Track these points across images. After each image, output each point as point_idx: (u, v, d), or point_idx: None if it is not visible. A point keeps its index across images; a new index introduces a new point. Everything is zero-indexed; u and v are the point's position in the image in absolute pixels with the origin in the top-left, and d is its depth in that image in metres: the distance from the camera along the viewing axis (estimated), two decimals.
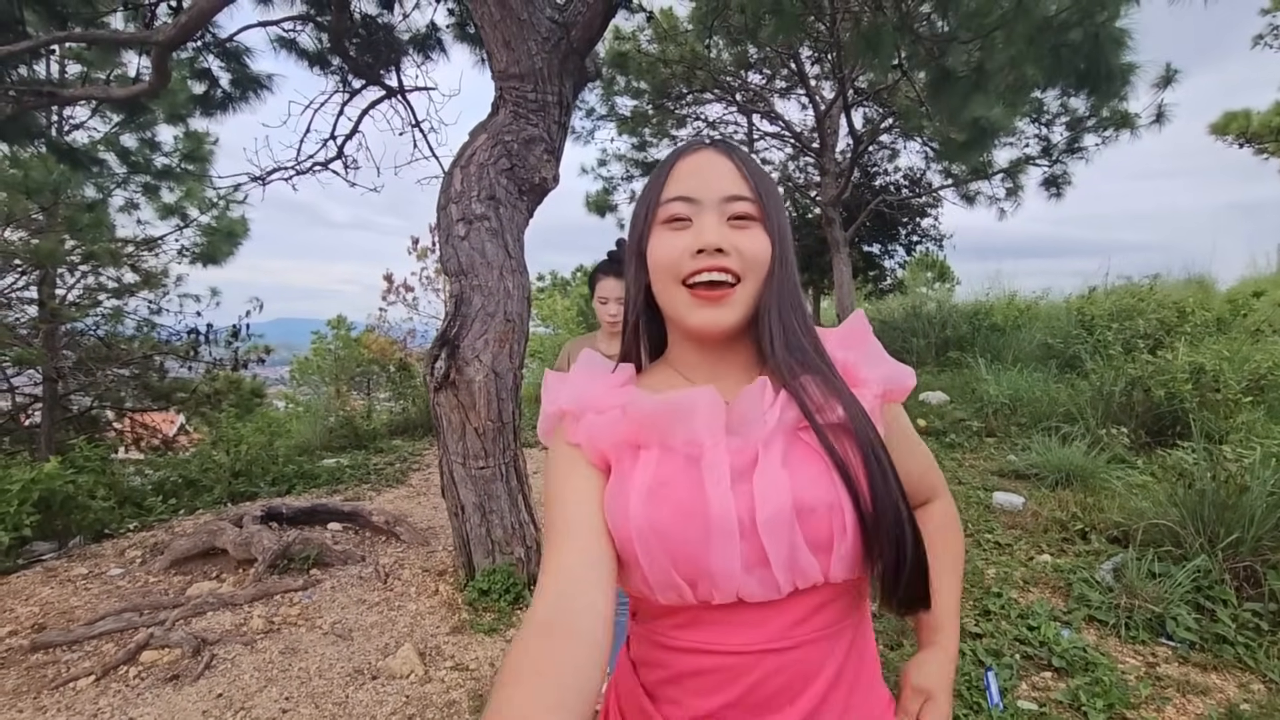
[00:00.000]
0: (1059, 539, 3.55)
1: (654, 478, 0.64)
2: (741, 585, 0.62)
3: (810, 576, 0.63)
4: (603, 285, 2.04)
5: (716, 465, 0.64)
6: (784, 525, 0.61)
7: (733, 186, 0.69)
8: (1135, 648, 2.56)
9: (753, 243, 0.68)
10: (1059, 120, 9.51)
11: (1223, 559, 2.83)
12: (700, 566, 0.62)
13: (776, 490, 0.62)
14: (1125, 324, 7.21)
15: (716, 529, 0.61)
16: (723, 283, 0.67)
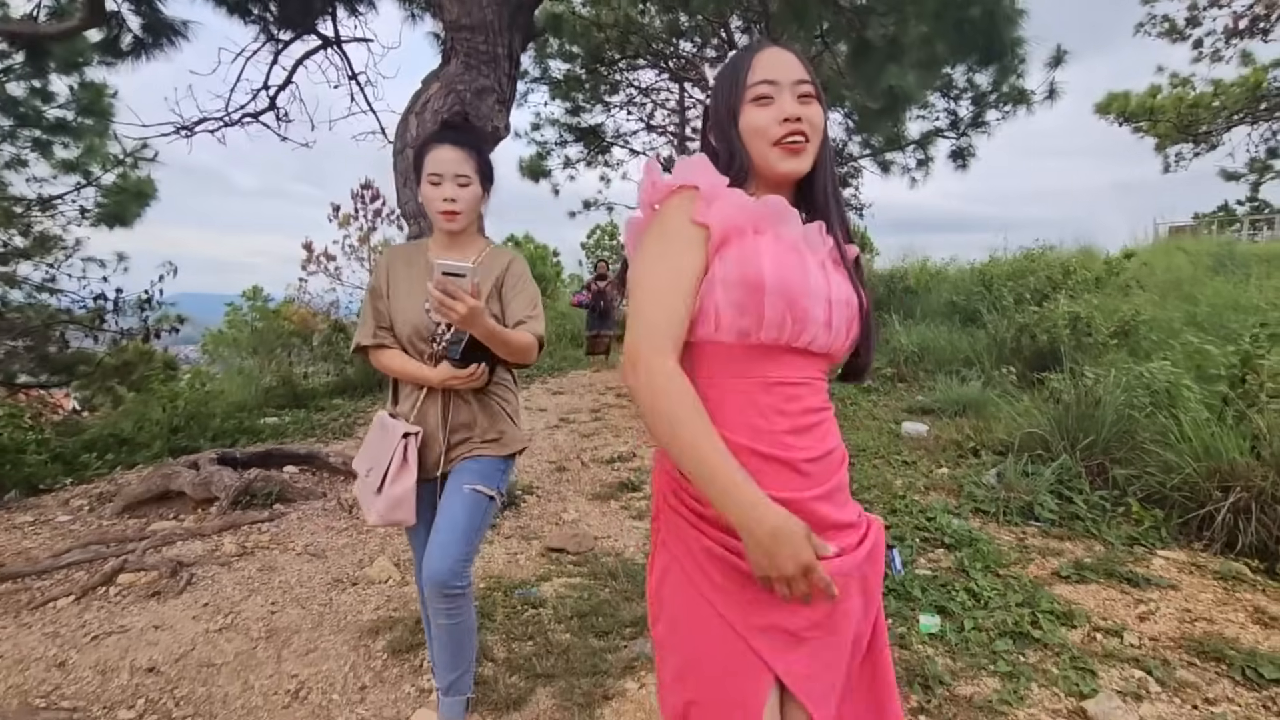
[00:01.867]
0: (955, 455, 4.10)
1: (778, 253, 0.91)
2: (817, 333, 0.92)
3: (838, 344, 0.95)
4: (436, 157, 1.52)
5: (810, 258, 0.94)
6: (842, 305, 0.94)
7: (800, 72, 0.95)
8: (1010, 529, 3.08)
9: (816, 114, 0.95)
10: (965, 95, 10.23)
11: (1080, 458, 3.40)
12: (805, 313, 0.91)
13: (840, 284, 0.95)
14: (1019, 282, 8.01)
15: (816, 294, 0.91)
16: (800, 143, 0.94)
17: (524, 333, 1.54)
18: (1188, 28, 12.86)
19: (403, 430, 1.59)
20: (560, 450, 4.89)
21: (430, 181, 1.53)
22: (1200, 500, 2.86)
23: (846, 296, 0.95)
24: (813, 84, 0.96)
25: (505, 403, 1.70)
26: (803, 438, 0.93)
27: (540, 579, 2.73)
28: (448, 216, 1.54)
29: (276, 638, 2.27)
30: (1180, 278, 8.53)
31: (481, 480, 1.61)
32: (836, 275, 0.96)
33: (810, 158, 0.96)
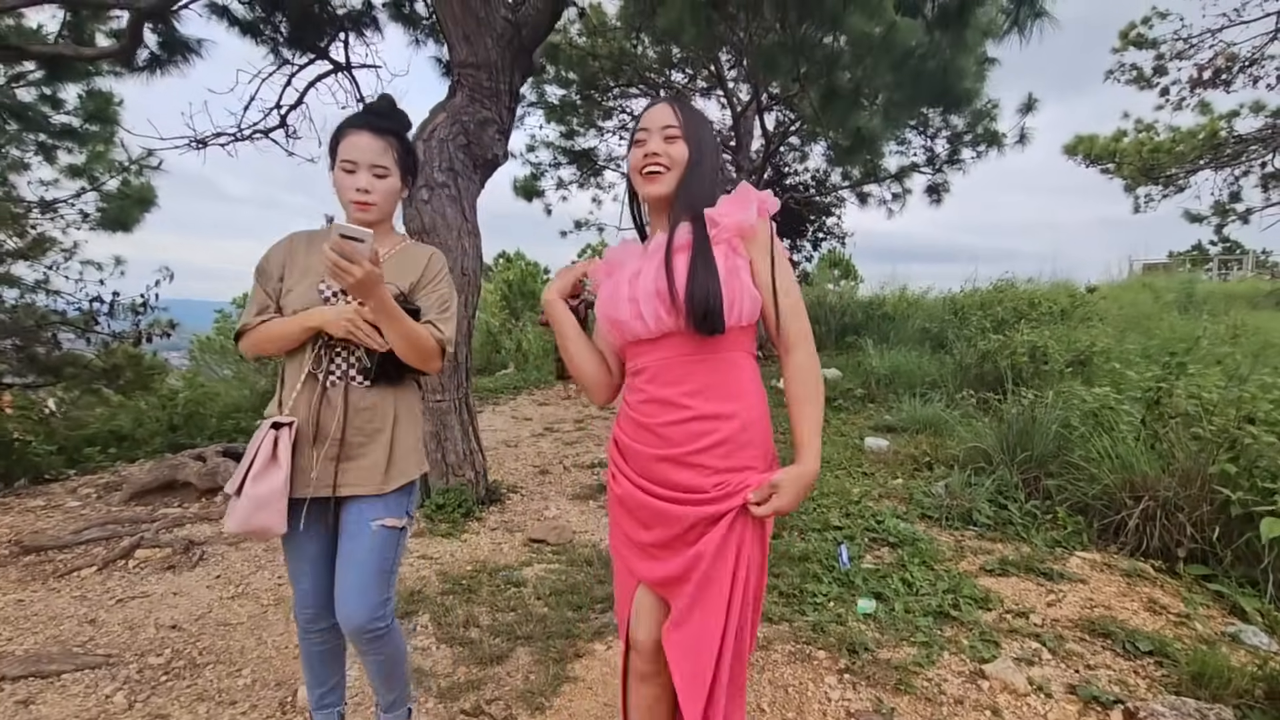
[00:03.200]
0: (911, 468, 4.43)
1: (610, 282, 1.28)
2: (634, 327, 1.21)
3: (658, 325, 1.19)
4: (351, 144, 1.40)
5: (625, 271, 1.27)
6: (648, 296, 1.19)
7: (668, 119, 1.24)
8: (950, 532, 3.40)
9: (678, 150, 1.23)
10: (941, 134, 10.77)
11: (1019, 471, 3.74)
12: (614, 319, 1.24)
13: (645, 281, 1.21)
14: (987, 312, 8.43)
15: (621, 297, 1.23)
16: (658, 171, 1.23)
17: (426, 330, 1.40)
18: (1155, 76, 13.61)
19: (272, 420, 1.37)
20: (544, 456, 5.17)
21: (343, 169, 1.40)
22: (1116, 508, 3.19)
23: (654, 288, 1.18)
24: (678, 127, 1.24)
25: (410, 412, 1.52)
26: (661, 409, 1.22)
27: (523, 564, 3.01)
28: (360, 207, 1.42)
29: (285, 604, 2.54)
30: (1142, 313, 9.02)
31: (388, 513, 1.44)
32: (650, 274, 1.20)
33: (666, 184, 1.24)
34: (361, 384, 1.43)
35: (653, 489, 1.22)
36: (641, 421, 1.24)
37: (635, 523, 1.26)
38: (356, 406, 1.42)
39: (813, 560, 3.03)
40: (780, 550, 3.14)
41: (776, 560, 3.05)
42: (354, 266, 1.22)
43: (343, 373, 1.42)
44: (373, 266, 1.24)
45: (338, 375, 1.42)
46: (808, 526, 3.45)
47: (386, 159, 1.43)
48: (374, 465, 1.43)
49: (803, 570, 2.93)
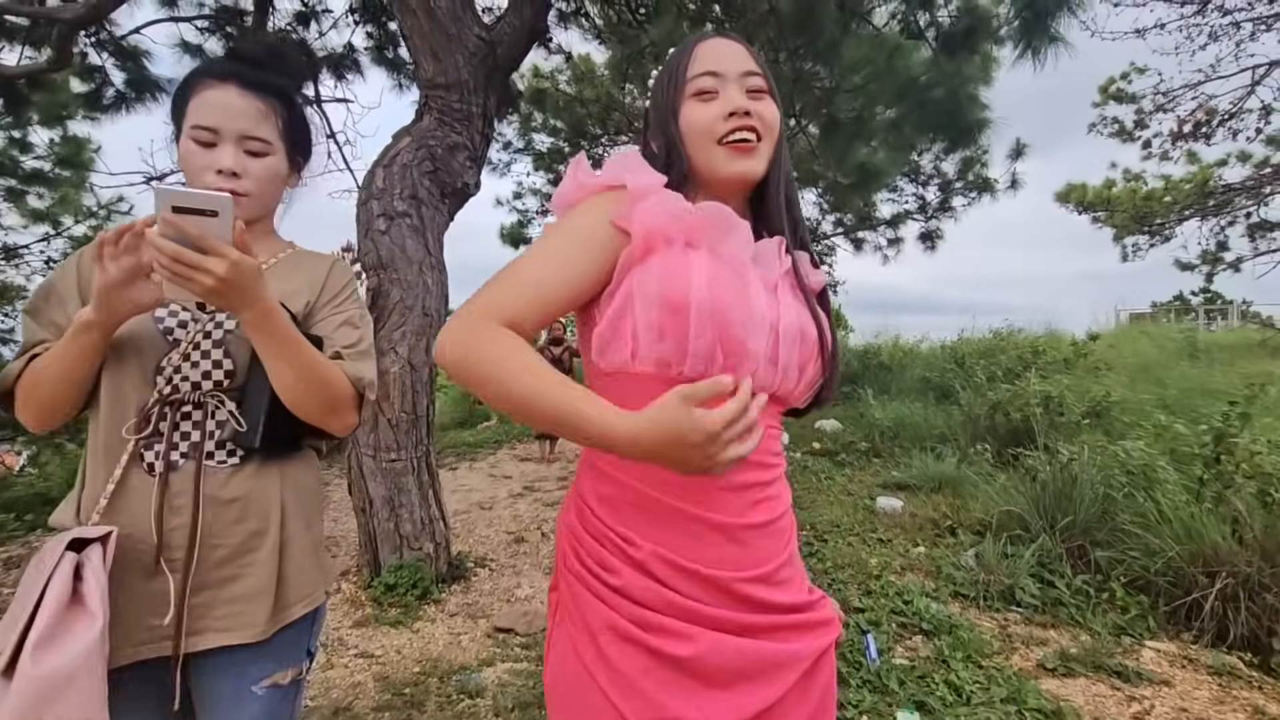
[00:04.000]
0: (932, 534, 3.94)
1: (714, 270, 0.75)
2: (759, 370, 0.77)
3: (788, 386, 0.80)
4: (207, 102, 0.92)
5: (756, 279, 0.79)
6: (793, 337, 0.79)
7: (747, 64, 0.83)
8: (991, 614, 2.89)
9: (769, 110, 0.83)
10: (933, 181, 10.67)
11: (1060, 539, 3.26)
12: (740, 344, 0.75)
13: (792, 311, 0.80)
14: (990, 360, 8.07)
15: (758, 320, 0.76)
16: (750, 141, 0.81)
17: (336, 365, 0.95)
18: (1136, 130, 13.76)
19: (71, 536, 0.82)
20: (520, 520, 4.62)
21: (194, 138, 0.92)
22: (1186, 586, 2.71)
23: (801, 328, 0.80)
24: (764, 76, 0.84)
25: (309, 499, 1.01)
26: (742, 497, 0.78)
27: (483, 663, 2.47)
28: None
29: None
30: (1147, 362, 8.70)
31: (279, 664, 0.95)
32: (791, 301, 0.81)
33: (764, 159, 0.83)
34: (224, 463, 0.93)
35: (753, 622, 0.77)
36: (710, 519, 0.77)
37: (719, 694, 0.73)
38: (217, 500, 0.91)
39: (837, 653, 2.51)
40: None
41: None
42: (209, 259, 0.75)
43: (193, 445, 0.91)
44: (241, 255, 0.77)
45: (183, 451, 0.91)
46: None
47: (265, 128, 0.96)
48: (252, 594, 0.92)
49: None
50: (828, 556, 3.59)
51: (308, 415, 0.93)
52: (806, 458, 6.49)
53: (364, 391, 0.98)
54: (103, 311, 0.82)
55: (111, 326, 0.85)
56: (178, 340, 0.92)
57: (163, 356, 0.91)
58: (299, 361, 0.88)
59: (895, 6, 4.15)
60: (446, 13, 3.22)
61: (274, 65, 1.02)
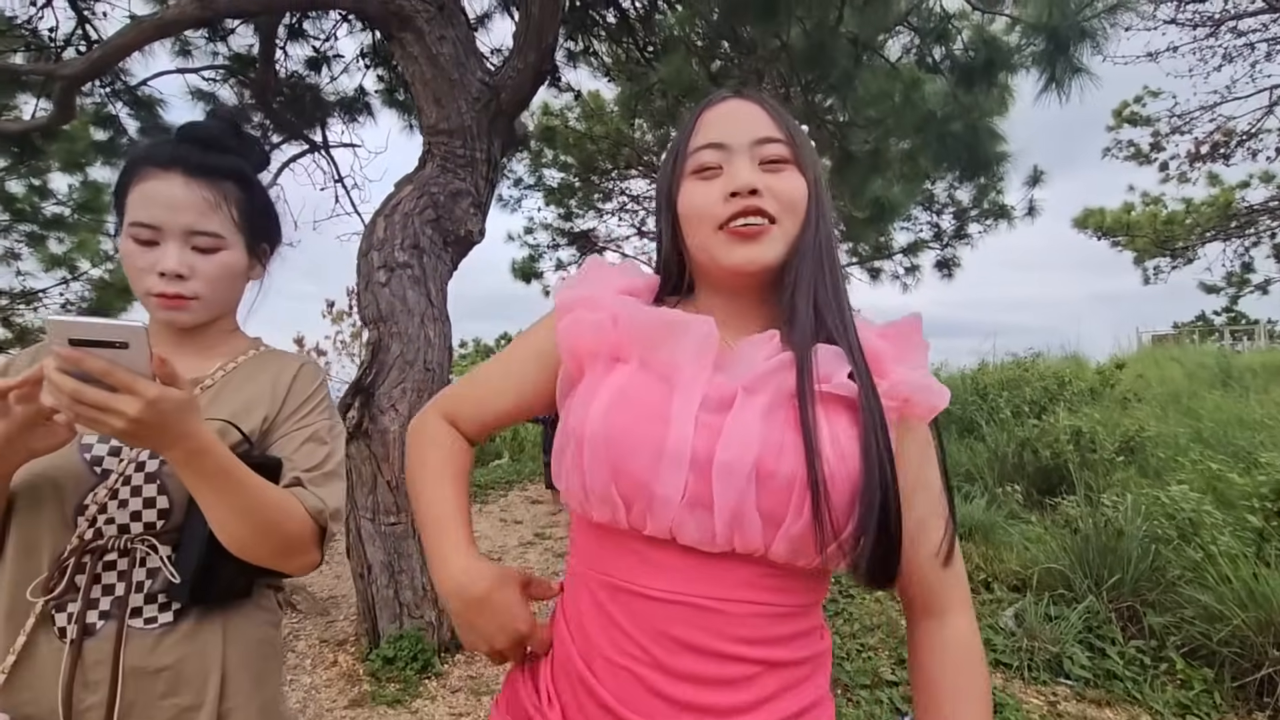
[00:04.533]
0: None
1: (623, 387, 0.63)
2: (677, 519, 0.59)
3: (750, 542, 0.59)
4: (147, 195, 0.82)
5: (689, 390, 0.61)
6: (740, 476, 0.58)
7: (763, 129, 0.68)
8: (1038, 688, 2.65)
9: (787, 183, 0.67)
10: (948, 209, 10.55)
11: (1108, 600, 3.02)
12: (642, 485, 0.59)
13: (743, 437, 0.58)
14: (1014, 392, 7.82)
15: (670, 451, 0.59)
16: (758, 225, 0.66)
17: (290, 497, 0.80)
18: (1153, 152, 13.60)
19: None
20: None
21: (135, 236, 0.82)
22: (1255, 659, 2.47)
23: (756, 462, 0.58)
24: (787, 142, 0.68)
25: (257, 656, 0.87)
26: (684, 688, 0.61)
27: None
28: (169, 303, 0.83)
29: None
30: (1177, 390, 8.40)
31: None
32: (753, 425, 0.59)
33: (777, 244, 0.67)
34: (154, 622, 0.78)
35: None
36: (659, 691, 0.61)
37: None
38: (140, 670, 0.76)
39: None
40: None
41: None
42: (118, 398, 0.62)
43: (116, 601, 0.77)
44: (162, 388, 0.64)
45: (103, 609, 0.76)
46: (854, 682, 2.72)
47: (216, 220, 0.84)
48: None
49: None
50: (855, 616, 3.36)
51: (256, 560, 0.78)
52: None
53: (326, 524, 0.83)
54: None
55: (4, 477, 0.71)
56: (107, 472, 0.78)
57: (87, 493, 0.77)
58: (242, 504, 0.74)
59: (909, 40, 4.06)
60: (450, 59, 3.16)
61: (223, 145, 0.89)
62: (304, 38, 6.06)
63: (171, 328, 0.88)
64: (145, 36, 2.96)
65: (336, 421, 0.94)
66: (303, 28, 6.00)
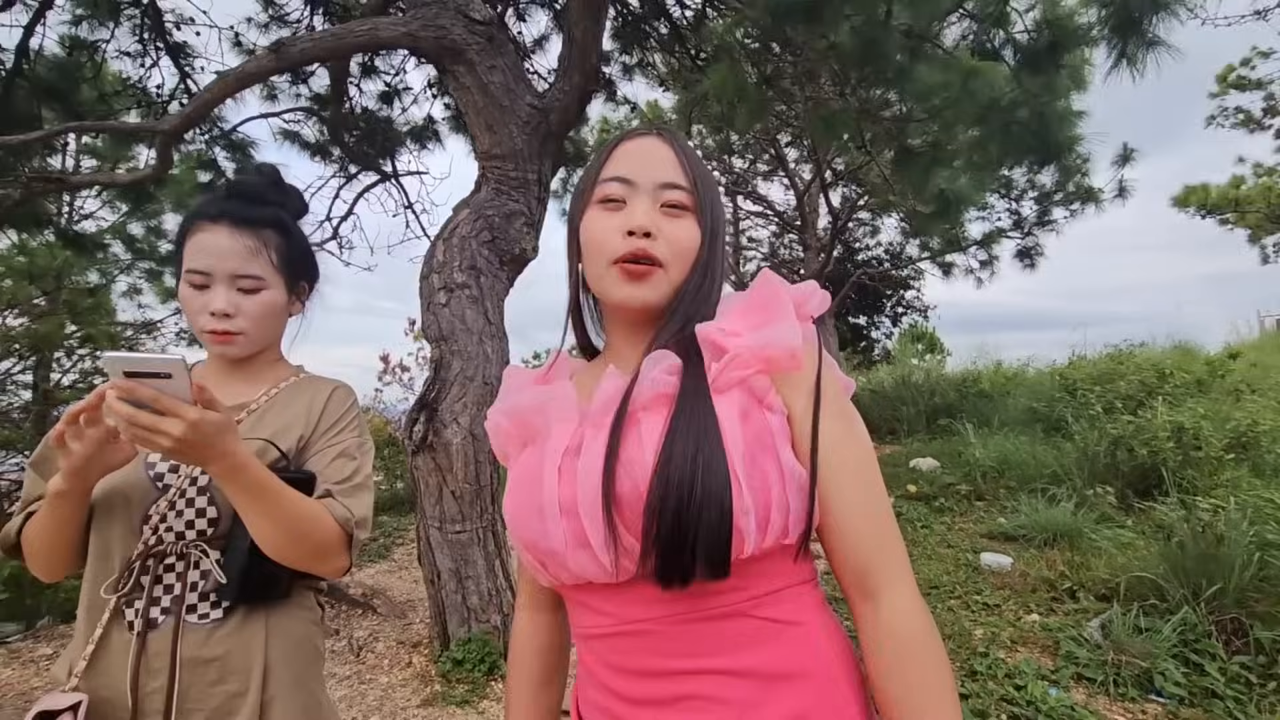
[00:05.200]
0: (1047, 598, 3.49)
1: (516, 471, 0.70)
2: (574, 563, 0.62)
3: (636, 564, 0.61)
4: (200, 246, 0.95)
5: (555, 446, 0.65)
6: (595, 506, 0.60)
7: (670, 174, 0.71)
8: (1124, 705, 2.48)
9: (682, 231, 0.70)
10: (1028, 195, 9.99)
11: (1207, 611, 2.79)
12: (539, 545, 0.64)
13: (587, 471, 0.61)
14: (1107, 386, 7.30)
15: (546, 509, 0.63)
16: (649, 266, 0.69)
17: (321, 508, 0.90)
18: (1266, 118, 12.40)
19: (39, 708, 0.81)
20: None
21: (190, 281, 0.94)
22: None
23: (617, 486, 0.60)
24: (689, 190, 0.70)
25: (298, 652, 0.96)
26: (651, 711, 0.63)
27: None
28: (219, 338, 0.96)
29: None
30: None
31: None
32: (595, 457, 0.62)
33: (661, 287, 0.70)
34: (206, 617, 0.89)
35: None
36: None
37: None
38: (194, 660, 0.87)
39: None
40: None
41: None
42: (165, 420, 0.73)
43: (174, 599, 0.88)
44: (202, 411, 0.75)
45: (164, 606, 0.88)
46: None
47: (257, 264, 0.97)
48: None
49: None
50: None
51: (292, 564, 0.88)
52: (900, 503, 6.04)
53: (353, 532, 0.92)
54: (73, 480, 0.80)
55: (84, 492, 0.83)
56: (167, 486, 0.90)
57: (150, 505, 0.89)
58: (277, 514, 0.83)
59: (966, 28, 3.91)
60: (500, 87, 3.30)
61: (264, 198, 1.01)
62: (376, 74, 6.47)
63: (224, 359, 1.01)
64: (229, 89, 3.25)
65: (366, 439, 1.04)
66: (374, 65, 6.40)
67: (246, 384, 1.02)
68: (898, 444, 9.55)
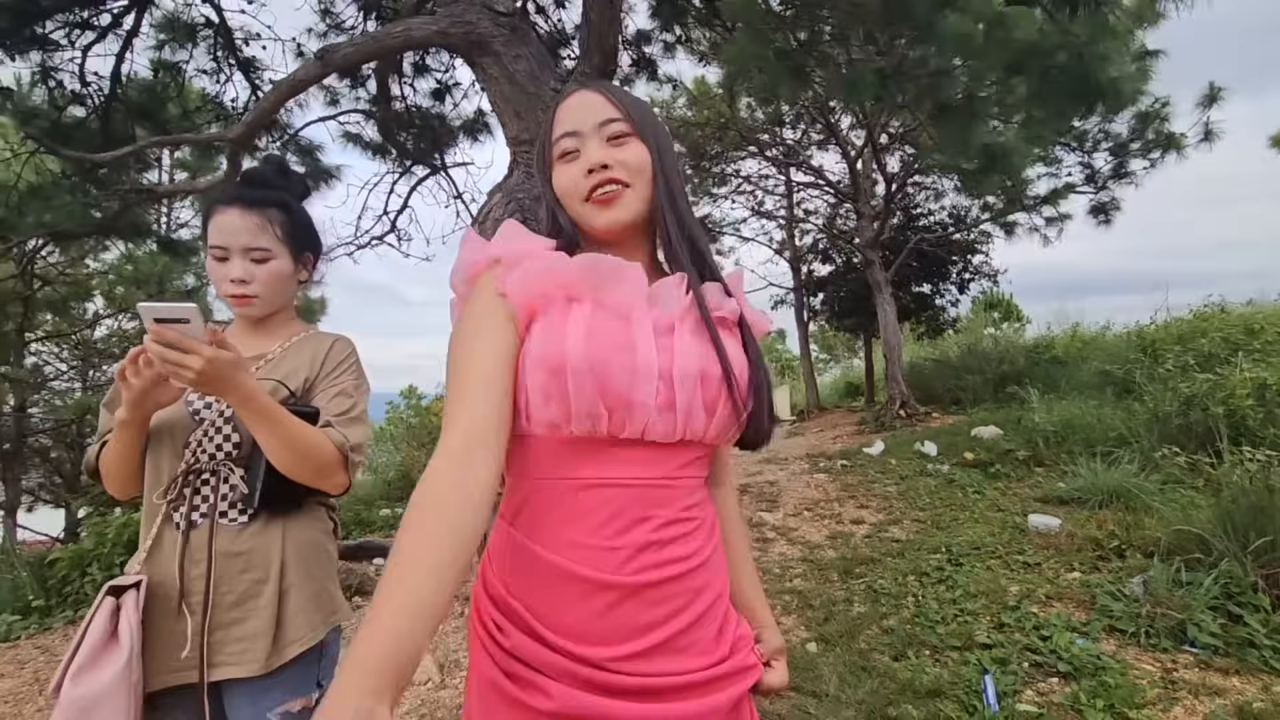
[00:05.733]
0: (1093, 557, 3.42)
1: (591, 322, 0.77)
2: (650, 421, 0.76)
3: (697, 429, 0.79)
4: (218, 225, 1.15)
5: (644, 322, 0.78)
6: (691, 380, 0.78)
7: (605, 112, 0.84)
8: (1155, 655, 2.45)
9: (631, 153, 0.83)
10: (1102, 146, 9.38)
11: (1256, 565, 2.69)
12: (623, 398, 0.74)
13: (689, 353, 0.79)
14: (1188, 345, 6.86)
15: (642, 369, 0.75)
16: (613, 192, 0.82)
17: (322, 435, 1.08)
18: None
19: (111, 584, 1.02)
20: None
21: (214, 256, 1.16)
22: None
23: (702, 368, 0.78)
24: (626, 120, 0.84)
25: (310, 550, 1.16)
26: (646, 555, 0.77)
27: None
28: (239, 301, 1.17)
29: None
30: None
31: (289, 693, 1.09)
32: (690, 341, 0.80)
33: (631, 205, 0.84)
34: (234, 521, 1.10)
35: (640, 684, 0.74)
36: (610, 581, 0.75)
37: None
38: (226, 553, 1.08)
39: (947, 695, 2.29)
40: (904, 680, 2.42)
41: (898, 693, 2.33)
42: (188, 356, 0.92)
43: (210, 508, 1.10)
44: (215, 349, 0.94)
45: (202, 511, 1.09)
46: (944, 644, 2.67)
47: (265, 238, 1.16)
48: (254, 634, 1.07)
49: (930, 712, 2.20)
50: (959, 584, 3.26)
51: (300, 479, 1.07)
52: (955, 470, 5.92)
53: (350, 455, 1.11)
54: (133, 410, 1.02)
55: (142, 422, 1.05)
56: (202, 419, 1.12)
57: (190, 433, 1.11)
58: (284, 437, 1.03)
59: None
60: (525, 74, 3.47)
61: (269, 184, 1.22)
62: (428, 72, 6.79)
63: (246, 320, 1.23)
64: (283, 96, 3.57)
65: (362, 380, 1.23)
66: (426, 64, 6.71)
67: (265, 339, 1.23)
68: (962, 414, 9.27)
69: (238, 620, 1.08)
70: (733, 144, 11.45)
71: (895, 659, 2.63)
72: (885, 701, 2.30)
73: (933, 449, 6.85)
